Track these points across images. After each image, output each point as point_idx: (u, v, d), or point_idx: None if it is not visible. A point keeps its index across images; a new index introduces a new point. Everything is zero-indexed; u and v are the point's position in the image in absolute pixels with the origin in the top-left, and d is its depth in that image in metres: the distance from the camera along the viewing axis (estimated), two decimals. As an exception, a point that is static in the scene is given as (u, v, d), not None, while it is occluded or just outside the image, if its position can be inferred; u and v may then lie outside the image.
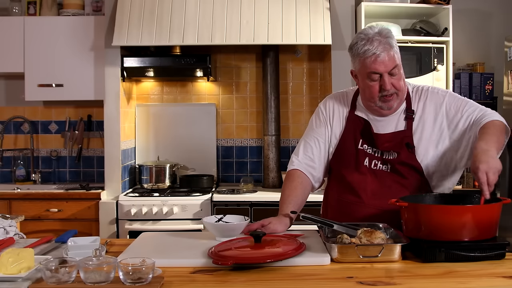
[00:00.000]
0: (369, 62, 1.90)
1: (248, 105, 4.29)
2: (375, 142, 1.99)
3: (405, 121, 2.01)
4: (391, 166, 1.98)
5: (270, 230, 1.86)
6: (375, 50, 1.89)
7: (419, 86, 2.09)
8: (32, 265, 1.50)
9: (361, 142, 2.02)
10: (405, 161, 1.97)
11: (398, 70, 1.94)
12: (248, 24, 3.64)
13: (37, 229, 3.55)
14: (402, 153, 1.97)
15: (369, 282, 1.43)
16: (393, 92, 1.95)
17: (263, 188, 4.02)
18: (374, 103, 1.98)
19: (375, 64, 1.90)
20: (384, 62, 1.90)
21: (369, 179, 1.99)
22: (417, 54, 3.69)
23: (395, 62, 1.92)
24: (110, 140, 3.78)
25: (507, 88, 3.66)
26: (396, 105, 1.99)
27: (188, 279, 1.47)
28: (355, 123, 2.05)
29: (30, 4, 4.00)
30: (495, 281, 1.45)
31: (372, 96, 1.97)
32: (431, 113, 2.00)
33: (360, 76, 1.99)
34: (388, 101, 1.96)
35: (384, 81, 1.92)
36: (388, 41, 1.92)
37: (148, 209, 3.55)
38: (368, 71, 1.92)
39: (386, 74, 1.91)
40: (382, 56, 1.89)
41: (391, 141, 1.98)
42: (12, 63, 3.87)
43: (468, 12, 4.23)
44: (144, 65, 3.78)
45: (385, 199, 1.86)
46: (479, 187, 1.68)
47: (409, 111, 2.02)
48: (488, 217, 1.64)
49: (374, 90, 1.94)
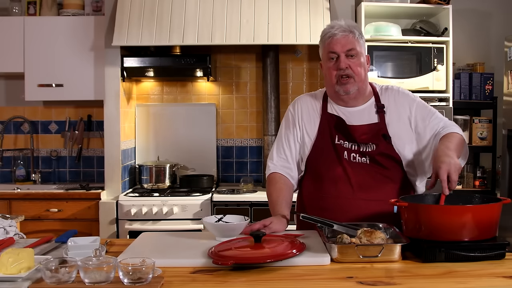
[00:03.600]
0: (327, 43, 2.03)
1: (248, 105, 4.29)
2: (352, 135, 2.03)
3: (377, 114, 2.07)
4: (370, 158, 2.01)
5: (272, 230, 1.87)
6: (334, 31, 2.01)
7: (388, 86, 2.17)
8: (32, 265, 1.49)
9: (337, 137, 2.05)
10: (385, 151, 2.01)
11: (358, 56, 2.02)
12: (248, 24, 3.64)
13: (37, 229, 3.55)
14: (380, 144, 2.01)
15: (369, 282, 1.43)
16: (349, 73, 2.01)
17: (263, 188, 4.01)
18: (333, 87, 2.05)
19: (332, 43, 2.01)
20: (341, 42, 2.00)
21: (352, 172, 2.02)
22: (417, 54, 3.69)
23: (353, 45, 2.01)
24: (110, 140, 3.78)
25: (507, 88, 3.66)
26: (354, 91, 2.03)
27: (188, 279, 1.47)
28: (328, 120, 2.09)
29: (30, 4, 4.00)
30: (495, 281, 1.45)
31: (331, 78, 2.04)
32: (402, 111, 2.07)
33: (323, 63, 2.09)
34: (344, 84, 2.02)
35: (340, 59, 2.00)
36: (351, 29, 2.03)
37: (148, 209, 3.55)
38: (326, 52, 2.03)
39: (342, 55, 2.00)
40: (339, 36, 2.00)
41: (367, 133, 2.02)
42: (12, 63, 3.87)
43: (468, 12, 4.23)
44: (144, 65, 3.79)
45: (372, 190, 1.97)
46: (441, 184, 1.74)
47: (379, 105, 2.08)
48: (488, 217, 1.64)
49: (332, 71, 2.03)
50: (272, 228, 1.88)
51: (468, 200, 1.81)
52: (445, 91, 3.75)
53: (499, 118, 3.92)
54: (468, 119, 3.94)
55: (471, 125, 3.95)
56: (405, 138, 2.03)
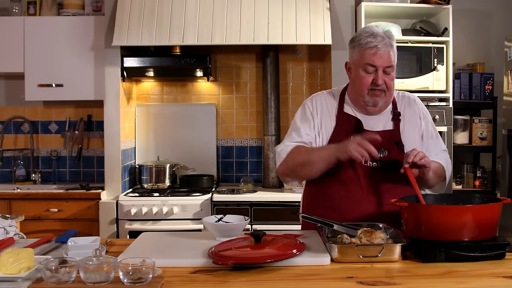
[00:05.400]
0: (369, 53, 1.98)
1: (248, 105, 4.29)
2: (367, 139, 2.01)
3: (392, 121, 2.09)
4: (381, 163, 2.01)
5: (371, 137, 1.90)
6: (377, 43, 1.97)
7: (404, 92, 2.19)
8: (32, 265, 1.50)
9: (352, 138, 2.04)
10: (396, 158, 2.01)
11: (392, 71, 2.02)
12: (248, 24, 3.64)
13: (37, 229, 3.55)
14: (393, 151, 2.02)
15: (369, 282, 1.43)
16: (383, 88, 2.01)
17: (263, 188, 4.02)
18: (362, 97, 2.04)
19: (374, 57, 1.97)
20: (383, 57, 1.98)
21: (362, 175, 2.01)
22: (417, 54, 3.69)
23: (391, 62, 2.00)
24: (110, 140, 3.78)
25: (507, 88, 3.65)
26: (381, 104, 2.05)
27: (188, 279, 1.47)
28: (346, 120, 2.08)
29: (30, 4, 4.00)
30: (495, 281, 1.46)
31: (362, 89, 2.02)
32: (415, 121, 2.11)
33: (355, 67, 2.05)
34: (376, 96, 2.02)
35: (378, 75, 1.99)
36: (391, 41, 2.01)
37: (148, 209, 3.55)
38: (365, 62, 1.99)
39: (381, 69, 1.99)
40: (382, 50, 1.97)
41: (381, 139, 2.00)
42: (12, 63, 3.87)
43: (468, 12, 4.23)
44: (144, 65, 3.78)
45: (380, 194, 1.96)
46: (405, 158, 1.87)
47: (395, 112, 2.09)
48: (488, 217, 1.64)
49: (365, 82, 2.01)
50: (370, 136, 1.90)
51: (468, 200, 1.82)
52: (445, 91, 3.74)
53: (499, 118, 3.92)
54: (468, 119, 3.94)
55: (471, 125, 3.95)
56: (416, 145, 2.04)
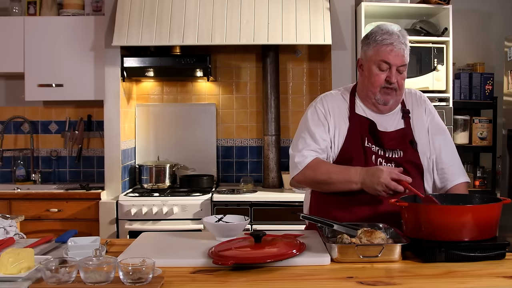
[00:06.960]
0: (384, 50, 1.97)
1: (248, 105, 4.29)
2: (381, 140, 2.01)
3: (403, 119, 2.07)
4: (396, 164, 1.99)
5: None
6: (393, 41, 1.97)
7: (411, 89, 2.18)
8: (32, 265, 1.49)
9: (366, 140, 2.03)
10: (411, 159, 2.00)
11: (405, 70, 2.02)
12: (248, 24, 3.64)
13: (37, 229, 3.55)
14: (408, 151, 2.01)
15: (369, 282, 1.43)
16: (395, 87, 2.00)
17: (263, 188, 4.02)
18: (374, 94, 2.03)
19: (389, 54, 1.97)
20: (398, 55, 1.97)
21: None
22: (417, 54, 3.69)
23: (405, 61, 2.00)
24: (110, 140, 3.78)
25: (507, 88, 3.65)
26: (392, 103, 2.04)
27: (188, 279, 1.47)
28: (359, 121, 2.06)
29: (30, 4, 4.00)
30: (495, 281, 1.45)
31: (374, 86, 2.01)
32: (423, 118, 2.09)
33: (368, 64, 2.03)
34: (388, 94, 2.01)
35: (392, 73, 1.98)
36: (405, 40, 2.01)
37: (148, 209, 3.55)
38: (380, 59, 1.98)
39: (394, 68, 1.98)
40: (398, 48, 1.97)
41: (395, 139, 2.02)
42: (12, 63, 3.87)
43: (468, 12, 4.23)
44: (144, 65, 3.78)
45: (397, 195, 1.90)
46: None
47: (405, 110, 2.08)
48: (488, 217, 1.63)
49: (379, 79, 2.00)
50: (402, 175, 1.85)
51: (468, 200, 1.82)
52: (445, 91, 3.74)
53: (499, 118, 3.92)
54: (468, 119, 3.94)
55: (471, 125, 3.94)
56: (424, 144, 2.05)
